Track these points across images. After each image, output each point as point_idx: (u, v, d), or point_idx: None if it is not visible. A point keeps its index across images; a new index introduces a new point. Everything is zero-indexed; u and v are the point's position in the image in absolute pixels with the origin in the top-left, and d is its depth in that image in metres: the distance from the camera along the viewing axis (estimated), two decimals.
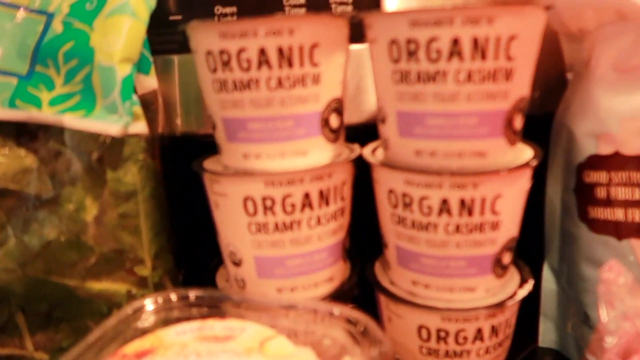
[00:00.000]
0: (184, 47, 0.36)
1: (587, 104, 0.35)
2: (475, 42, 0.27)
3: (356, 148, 0.36)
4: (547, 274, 0.41)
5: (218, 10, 0.40)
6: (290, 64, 0.30)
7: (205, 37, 0.30)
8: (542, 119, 0.40)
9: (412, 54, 0.28)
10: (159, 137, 0.38)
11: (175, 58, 0.40)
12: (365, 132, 0.38)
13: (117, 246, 0.32)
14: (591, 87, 0.35)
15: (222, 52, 0.30)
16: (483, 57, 0.28)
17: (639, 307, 0.30)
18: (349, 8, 0.40)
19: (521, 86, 0.30)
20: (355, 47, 0.36)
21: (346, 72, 0.34)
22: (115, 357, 0.28)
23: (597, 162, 0.35)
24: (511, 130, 0.30)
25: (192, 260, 0.42)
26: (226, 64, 0.30)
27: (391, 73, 0.30)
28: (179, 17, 0.40)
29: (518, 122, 0.31)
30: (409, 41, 0.28)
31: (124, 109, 0.31)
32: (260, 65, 0.29)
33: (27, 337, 0.32)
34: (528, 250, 0.41)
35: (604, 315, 0.30)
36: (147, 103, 0.37)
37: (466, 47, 0.27)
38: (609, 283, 0.30)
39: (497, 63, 0.28)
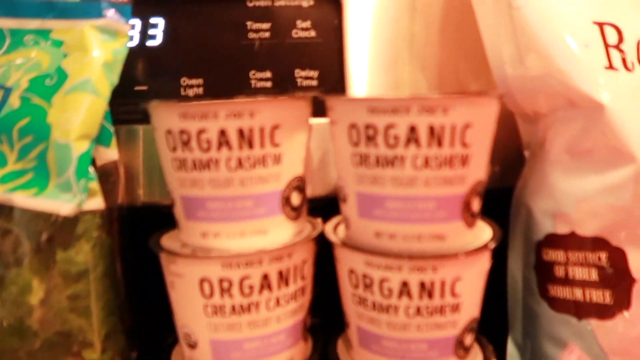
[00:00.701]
0: (148, 117, 0.36)
1: (544, 184, 0.36)
2: (431, 130, 0.28)
3: (318, 224, 0.35)
4: (511, 349, 0.41)
5: (184, 81, 0.41)
6: (250, 145, 0.30)
7: (165, 116, 0.30)
8: (502, 193, 0.41)
9: (370, 139, 0.29)
10: (117, 208, 0.37)
11: (140, 128, 0.40)
12: (329, 204, 0.38)
13: (64, 329, 0.30)
14: (546, 168, 0.36)
15: (182, 132, 0.30)
16: (439, 144, 0.28)
17: None
18: (314, 82, 0.41)
19: (477, 171, 0.30)
20: (319, 121, 0.37)
21: (308, 149, 0.34)
22: None
23: (554, 240, 0.35)
24: (469, 213, 0.31)
25: (147, 335, 0.40)
26: (186, 144, 0.30)
27: (351, 155, 0.30)
28: (144, 88, 0.41)
29: (475, 205, 0.31)
30: (367, 126, 0.29)
31: (79, 187, 0.30)
32: (220, 146, 0.29)
33: None
34: (493, 324, 0.41)
35: None
36: (107, 174, 0.36)
37: (423, 134, 0.28)
38: None
39: (453, 150, 0.28)
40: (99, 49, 0.32)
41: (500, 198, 0.41)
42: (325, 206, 0.38)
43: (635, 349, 0.33)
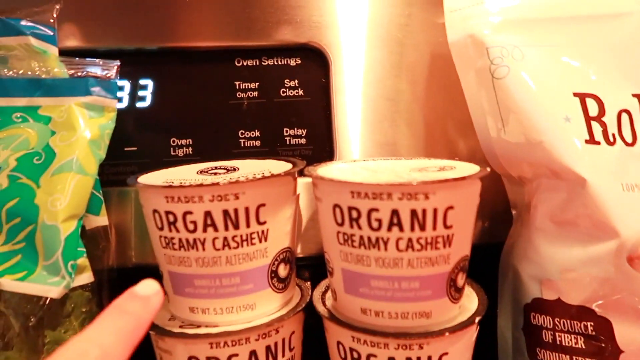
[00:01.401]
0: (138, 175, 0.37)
1: (530, 249, 0.36)
2: (414, 214, 0.28)
3: (307, 289, 0.36)
4: None
5: (174, 141, 0.41)
6: (236, 226, 0.30)
7: (152, 197, 0.30)
8: (491, 248, 0.42)
9: (354, 220, 0.29)
10: (107, 271, 0.38)
11: (131, 190, 0.40)
12: (320, 263, 0.38)
13: None
14: (532, 234, 0.36)
15: (168, 213, 0.30)
16: (422, 228, 0.28)
17: None
18: (303, 141, 0.42)
19: (461, 248, 0.30)
20: (308, 179, 0.37)
21: (295, 221, 0.34)
22: None
23: (542, 306, 0.36)
24: (454, 288, 0.31)
25: None
26: (172, 224, 0.30)
27: (336, 233, 0.30)
28: (134, 148, 0.41)
29: (460, 281, 0.31)
30: (350, 208, 0.29)
31: (66, 270, 0.30)
32: (205, 227, 0.30)
33: None
34: None
35: None
36: (96, 239, 0.36)
37: (405, 219, 0.28)
38: None
39: (436, 232, 0.29)
40: (86, 127, 0.32)
41: (489, 253, 0.42)
42: (317, 264, 0.38)
43: None
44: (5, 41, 0.31)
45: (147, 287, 0.25)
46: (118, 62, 0.35)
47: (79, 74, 0.33)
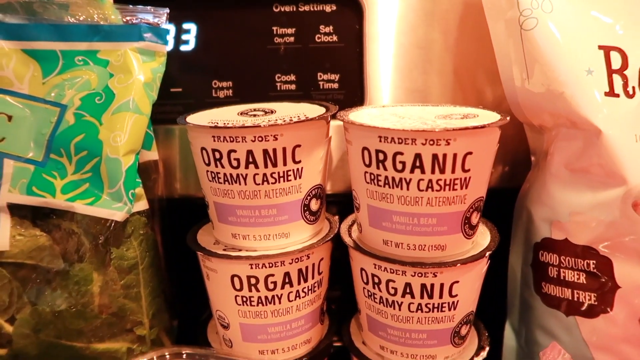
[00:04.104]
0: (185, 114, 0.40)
1: (543, 193, 0.39)
2: (435, 158, 0.31)
3: (335, 222, 0.40)
4: (508, 332, 0.45)
5: (215, 84, 0.44)
6: (274, 164, 0.34)
7: (200, 136, 0.34)
8: (510, 192, 0.44)
9: (380, 162, 0.32)
10: (158, 201, 0.42)
11: (176, 128, 0.44)
12: (347, 200, 0.42)
13: (119, 312, 0.36)
14: (547, 179, 0.38)
15: (214, 151, 0.34)
16: (442, 170, 0.31)
17: None
18: (336, 85, 0.44)
19: (477, 190, 0.33)
20: (339, 122, 0.40)
21: (327, 160, 0.37)
22: None
23: (550, 245, 0.39)
24: (468, 226, 0.34)
25: (187, 310, 0.46)
26: (218, 160, 0.34)
27: (363, 173, 0.34)
28: (179, 90, 0.44)
29: (474, 219, 0.34)
30: (378, 151, 0.32)
31: (127, 198, 0.35)
32: (247, 164, 0.33)
33: None
34: (496, 306, 0.46)
35: None
36: (148, 171, 0.41)
37: (427, 162, 0.31)
38: None
39: (454, 175, 0.32)
40: (140, 70, 0.36)
41: (509, 196, 0.44)
42: (344, 201, 0.42)
43: (614, 345, 0.37)
44: None
45: None
46: (167, 10, 0.37)
47: (133, 21, 0.36)
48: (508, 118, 0.33)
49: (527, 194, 0.41)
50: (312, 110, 0.37)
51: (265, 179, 0.34)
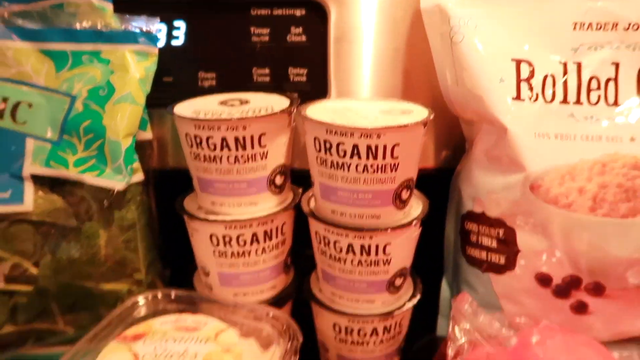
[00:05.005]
0: (174, 102, 0.48)
1: (469, 175, 0.47)
2: (368, 148, 0.39)
3: (298, 193, 0.48)
4: (444, 285, 0.55)
5: (201, 75, 0.52)
6: (244, 148, 0.42)
7: (184, 124, 0.42)
8: (448, 172, 0.53)
9: (327, 149, 0.41)
10: (152, 172, 0.51)
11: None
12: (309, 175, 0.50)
13: (121, 260, 0.45)
14: (472, 163, 0.47)
15: (195, 137, 0.42)
16: (374, 157, 0.40)
17: (479, 324, 0.44)
18: (304, 79, 0.52)
19: (406, 172, 0.42)
20: None
21: (290, 141, 0.46)
22: (119, 337, 0.41)
23: (472, 216, 0.47)
24: (399, 200, 0.43)
25: (176, 261, 0.55)
26: (199, 144, 0.42)
27: (315, 157, 0.42)
28: (170, 79, 0.52)
29: (405, 195, 0.43)
30: (325, 141, 0.40)
31: (127, 171, 0.43)
32: (222, 148, 0.42)
33: (59, 319, 0.46)
34: (436, 265, 0.55)
35: (452, 329, 0.44)
36: (144, 148, 0.49)
37: (362, 151, 0.39)
38: (459, 307, 0.44)
39: (385, 161, 0.40)
40: (136, 69, 0.43)
41: (446, 176, 0.53)
42: (309, 175, 0.51)
43: (516, 296, 0.46)
44: (74, 0, 0.42)
45: None
46: (158, 19, 0.45)
47: (130, 27, 0.43)
48: (432, 116, 0.41)
49: (459, 174, 0.50)
50: (280, 102, 0.44)
51: (236, 159, 0.42)
